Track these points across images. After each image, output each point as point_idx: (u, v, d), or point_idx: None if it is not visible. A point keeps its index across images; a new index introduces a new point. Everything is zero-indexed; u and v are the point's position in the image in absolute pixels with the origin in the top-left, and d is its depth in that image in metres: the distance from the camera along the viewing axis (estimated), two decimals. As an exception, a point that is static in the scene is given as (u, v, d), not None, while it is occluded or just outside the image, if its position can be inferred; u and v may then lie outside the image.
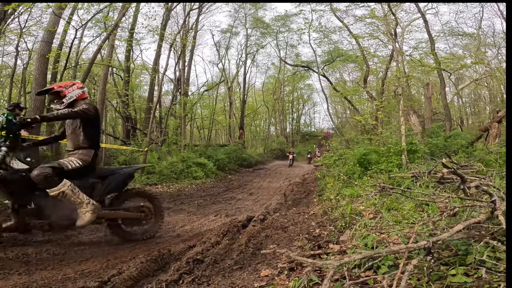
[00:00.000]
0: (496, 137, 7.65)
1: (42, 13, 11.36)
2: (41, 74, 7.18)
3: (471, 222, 1.49)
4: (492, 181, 2.89)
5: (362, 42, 15.41)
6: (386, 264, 1.71)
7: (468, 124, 23.20)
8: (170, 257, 2.94)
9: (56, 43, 9.31)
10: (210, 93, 26.27)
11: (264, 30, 23.83)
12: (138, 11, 14.25)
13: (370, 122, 10.46)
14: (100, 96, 9.90)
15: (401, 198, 3.39)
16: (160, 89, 14.52)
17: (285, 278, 2.18)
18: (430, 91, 12.18)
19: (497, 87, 19.38)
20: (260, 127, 36.42)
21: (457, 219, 2.11)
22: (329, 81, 20.52)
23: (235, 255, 2.99)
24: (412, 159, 6.21)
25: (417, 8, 13.34)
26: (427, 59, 12.80)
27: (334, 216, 3.88)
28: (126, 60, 16.38)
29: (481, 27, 16.69)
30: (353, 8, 15.12)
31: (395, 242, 2.23)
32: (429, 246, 1.32)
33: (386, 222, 2.84)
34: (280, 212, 5.36)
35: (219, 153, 15.65)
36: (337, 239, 2.87)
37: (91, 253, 3.09)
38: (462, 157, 6.23)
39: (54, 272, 2.58)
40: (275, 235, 3.70)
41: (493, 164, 4.69)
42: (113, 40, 10.12)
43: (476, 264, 1.48)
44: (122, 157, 10.79)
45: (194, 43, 19.53)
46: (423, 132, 9.67)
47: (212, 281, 2.39)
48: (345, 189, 5.41)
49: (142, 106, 17.52)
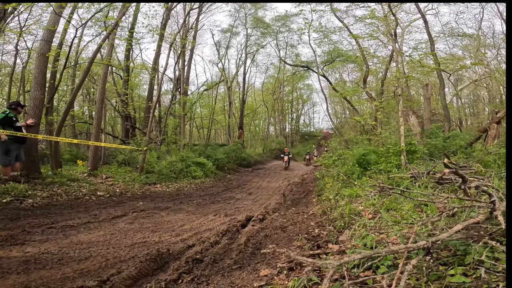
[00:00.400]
0: (495, 138, 7.66)
1: (42, 12, 11.34)
2: (40, 73, 7.15)
3: (470, 223, 1.50)
4: (490, 182, 2.90)
5: (362, 42, 15.42)
6: (385, 264, 1.72)
7: (467, 125, 23.24)
8: (170, 256, 2.94)
9: (56, 42, 9.30)
10: (209, 92, 26.25)
11: (264, 30, 23.83)
12: (139, 10, 14.24)
13: (370, 122, 10.47)
14: (99, 95, 9.88)
15: (400, 199, 3.40)
16: (159, 89, 14.49)
17: (284, 277, 2.18)
18: (429, 92, 12.20)
19: (496, 88, 19.42)
20: (260, 127, 36.45)
21: (456, 220, 2.12)
22: (328, 81, 20.54)
23: (235, 254, 3.00)
24: (411, 159, 6.23)
25: (417, 9, 13.36)
26: (427, 59, 12.82)
27: (333, 216, 3.89)
28: (126, 59, 16.35)
29: (481, 27, 16.74)
30: (353, 8, 15.14)
31: (394, 242, 2.24)
32: (428, 246, 1.33)
33: (385, 222, 2.85)
34: (279, 212, 5.37)
35: (218, 152, 15.65)
36: (336, 239, 2.88)
37: (90, 253, 3.08)
38: (461, 158, 6.25)
39: (53, 272, 2.57)
40: (274, 235, 3.71)
41: (492, 165, 4.70)
42: (113, 39, 10.10)
43: (474, 264, 1.48)
44: (121, 156, 10.79)
45: (194, 44, 19.51)
46: (422, 133, 9.69)
47: (211, 281, 2.39)
48: (344, 189, 5.42)
49: (142, 105, 17.49)
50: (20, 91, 13.93)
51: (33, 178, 6.45)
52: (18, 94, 14.28)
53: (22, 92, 13.70)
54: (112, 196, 6.61)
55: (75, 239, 3.54)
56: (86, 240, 3.52)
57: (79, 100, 19.69)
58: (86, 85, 16.93)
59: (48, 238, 3.52)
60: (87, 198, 6.27)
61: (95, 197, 6.44)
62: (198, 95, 22.50)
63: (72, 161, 11.23)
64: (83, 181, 7.42)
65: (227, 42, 25.19)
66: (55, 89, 8.51)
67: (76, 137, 15.58)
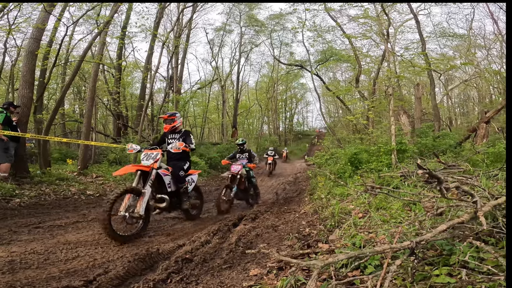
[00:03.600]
0: (483, 137, 7.77)
1: (32, 10, 11.17)
2: (29, 71, 7.01)
3: (455, 222, 1.51)
4: (478, 181, 2.94)
5: (355, 42, 15.53)
6: (373, 264, 1.72)
7: (457, 124, 23.55)
8: (159, 256, 2.92)
9: (46, 39, 9.13)
10: (203, 91, 26.13)
11: (258, 28, 23.78)
12: (131, 9, 14.08)
13: (361, 121, 10.53)
14: (90, 93, 9.72)
15: (389, 198, 3.42)
16: (151, 87, 14.38)
17: (273, 277, 2.18)
18: (420, 92, 12.32)
19: (486, 88, 19.72)
20: (253, 126, 36.35)
21: (444, 218, 2.14)
22: (322, 80, 20.61)
23: (225, 254, 2.98)
24: (402, 158, 6.28)
25: (409, 9, 13.48)
26: (418, 59, 12.95)
27: (324, 215, 3.90)
28: (118, 58, 16.16)
29: (472, 28, 16.97)
30: (347, 7, 15.20)
31: (383, 241, 2.25)
32: (412, 247, 1.33)
33: (374, 221, 2.86)
34: (271, 211, 5.37)
35: (212, 151, 15.58)
36: (326, 238, 2.88)
37: (78, 252, 3.04)
38: (450, 157, 6.33)
39: (39, 271, 2.53)
40: (266, 234, 3.71)
41: (480, 164, 4.77)
42: (104, 37, 9.95)
43: (459, 264, 1.49)
44: (113, 155, 10.67)
45: (187, 45, 19.36)
46: (412, 132, 9.78)
47: (200, 280, 2.37)
48: (336, 188, 5.44)
49: (134, 103, 17.32)
50: (9, 89, 13.67)
51: (21, 177, 6.35)
52: (7, 92, 14.01)
53: (11, 90, 13.45)
54: (102, 196, 6.52)
55: (63, 239, 3.49)
56: (74, 239, 3.47)
57: (70, 99, 19.42)
58: (77, 83, 16.70)
59: (35, 238, 3.46)
60: (76, 197, 6.18)
61: (85, 196, 6.35)
62: (191, 93, 22.37)
63: (62, 160, 11.08)
64: (73, 180, 7.32)
65: (220, 41, 25.10)
66: (44, 87, 8.36)
67: (66, 135, 15.39)
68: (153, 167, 4.05)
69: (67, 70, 14.55)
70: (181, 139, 4.93)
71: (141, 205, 3.72)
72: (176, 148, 4.42)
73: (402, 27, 14.99)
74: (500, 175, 3.52)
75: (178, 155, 4.84)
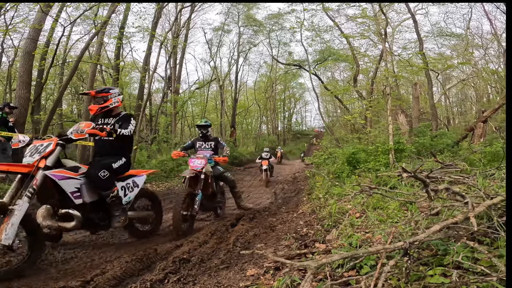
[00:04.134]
0: (481, 136, 7.80)
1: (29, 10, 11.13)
2: (26, 72, 7.02)
3: (449, 223, 1.52)
4: (475, 180, 2.95)
5: (353, 41, 15.52)
6: (368, 264, 1.73)
7: (454, 123, 23.61)
8: (156, 256, 2.93)
9: (43, 40, 9.13)
10: (201, 91, 26.12)
11: (257, 28, 23.79)
12: (129, 9, 14.05)
13: (359, 121, 10.56)
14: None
15: (386, 197, 3.43)
16: (150, 87, 14.38)
17: (270, 277, 2.19)
18: (418, 91, 12.36)
19: (484, 87, 19.79)
20: (252, 126, 36.38)
21: (439, 218, 2.15)
22: (320, 80, 20.64)
23: (222, 254, 2.99)
24: (399, 158, 6.30)
25: (407, 8, 13.51)
26: (416, 59, 12.99)
27: (321, 215, 3.91)
28: (115, 58, 16.14)
29: (469, 27, 17.04)
30: (345, 7, 15.22)
31: (379, 241, 2.26)
32: (405, 247, 1.34)
33: (371, 221, 2.87)
34: (269, 211, 5.38)
35: (210, 151, 15.52)
36: (323, 238, 2.89)
37: (75, 253, 3.04)
38: (448, 156, 6.34)
39: (36, 271, 2.53)
40: (263, 234, 3.72)
41: (477, 164, 4.78)
42: (102, 37, 9.95)
43: (454, 264, 1.50)
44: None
45: (185, 45, 19.35)
46: (410, 132, 9.82)
47: (198, 281, 2.38)
48: (334, 187, 5.45)
49: (132, 104, 17.31)
50: (7, 89, 13.65)
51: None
52: (5, 92, 13.98)
53: (8, 90, 13.43)
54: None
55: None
56: (71, 240, 3.47)
57: (68, 99, 19.38)
58: (75, 83, 16.67)
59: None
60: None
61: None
62: (190, 93, 22.37)
63: (60, 161, 11.02)
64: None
65: (219, 40, 25.10)
66: (42, 88, 8.35)
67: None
68: (39, 166, 2.66)
69: (65, 70, 14.53)
70: (117, 125, 3.33)
71: (4, 230, 2.34)
72: (79, 132, 2.87)
73: (400, 26, 15.03)
74: (496, 174, 3.53)
75: (108, 148, 3.37)
